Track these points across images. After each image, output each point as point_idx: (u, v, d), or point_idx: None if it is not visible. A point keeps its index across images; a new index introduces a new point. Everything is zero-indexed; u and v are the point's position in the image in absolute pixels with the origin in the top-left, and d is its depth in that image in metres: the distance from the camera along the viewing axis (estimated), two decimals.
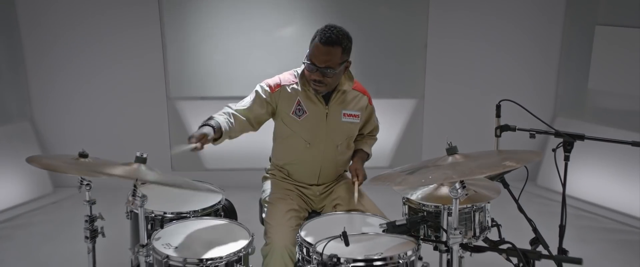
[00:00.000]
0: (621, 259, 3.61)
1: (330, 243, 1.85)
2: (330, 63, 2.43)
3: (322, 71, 2.44)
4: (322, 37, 2.41)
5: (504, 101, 2.22)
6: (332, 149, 2.64)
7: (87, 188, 2.30)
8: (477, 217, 2.38)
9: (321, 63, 2.43)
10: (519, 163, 1.77)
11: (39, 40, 4.65)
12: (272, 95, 2.58)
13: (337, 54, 2.43)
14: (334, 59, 2.43)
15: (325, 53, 2.41)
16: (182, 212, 2.37)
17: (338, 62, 2.45)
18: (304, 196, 2.69)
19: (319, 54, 2.43)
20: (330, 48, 2.41)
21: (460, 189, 1.75)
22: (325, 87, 2.52)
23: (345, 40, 2.45)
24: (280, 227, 2.38)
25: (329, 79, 2.47)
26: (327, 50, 2.41)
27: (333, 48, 2.41)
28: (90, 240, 2.34)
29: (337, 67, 2.45)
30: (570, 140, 2.13)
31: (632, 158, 4.29)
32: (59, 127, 4.81)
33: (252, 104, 2.59)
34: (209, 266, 1.97)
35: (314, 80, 2.48)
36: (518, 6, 4.82)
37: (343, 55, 2.46)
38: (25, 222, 4.18)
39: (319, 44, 2.41)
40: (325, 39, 2.40)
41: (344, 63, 2.50)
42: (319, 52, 2.43)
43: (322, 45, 2.41)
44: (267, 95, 2.58)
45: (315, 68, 2.44)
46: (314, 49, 2.44)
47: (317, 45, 2.43)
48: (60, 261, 3.51)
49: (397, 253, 1.84)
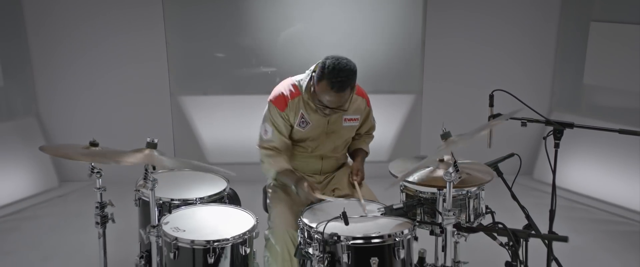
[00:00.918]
0: (613, 249, 3.71)
1: (330, 224, 1.95)
2: (342, 104, 2.47)
3: (334, 111, 2.49)
4: (334, 84, 2.37)
5: (497, 91, 2.32)
6: (332, 149, 2.74)
7: (97, 176, 2.40)
8: (471, 204, 2.48)
9: (333, 105, 2.45)
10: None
11: (44, 38, 4.74)
12: (284, 114, 2.59)
13: (348, 94, 2.45)
14: (345, 99, 2.45)
15: (337, 98, 2.42)
16: (189, 199, 2.47)
17: (348, 99, 2.48)
18: None
19: (331, 98, 2.42)
20: (342, 94, 2.41)
21: (454, 172, 1.85)
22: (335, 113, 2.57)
23: (353, 78, 2.42)
24: (283, 213, 2.49)
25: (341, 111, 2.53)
26: (339, 96, 2.41)
27: (344, 93, 2.42)
28: (101, 225, 2.44)
29: (348, 103, 2.50)
30: (559, 128, 2.23)
31: (626, 151, 4.38)
32: (65, 122, 4.89)
33: (277, 131, 2.60)
34: (216, 247, 2.07)
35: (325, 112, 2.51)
36: (514, 3, 4.91)
37: (352, 91, 2.49)
38: (32, 214, 4.27)
39: (330, 90, 2.38)
40: (338, 87, 2.37)
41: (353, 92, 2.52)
42: (330, 97, 2.41)
43: (334, 92, 2.39)
44: (283, 116, 2.59)
45: (328, 109, 2.47)
46: (325, 93, 2.41)
47: (327, 91, 2.39)
48: (68, 251, 3.61)
49: (394, 231, 1.95)
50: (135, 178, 2.57)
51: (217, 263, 2.09)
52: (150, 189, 1.94)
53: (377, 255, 1.89)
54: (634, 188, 4.30)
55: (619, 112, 4.69)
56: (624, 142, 4.34)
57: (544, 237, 1.93)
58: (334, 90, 2.38)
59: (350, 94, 2.49)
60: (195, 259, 2.08)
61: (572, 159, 4.76)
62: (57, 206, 4.47)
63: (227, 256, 2.12)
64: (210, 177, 2.76)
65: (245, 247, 2.15)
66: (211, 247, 2.07)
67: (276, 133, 2.59)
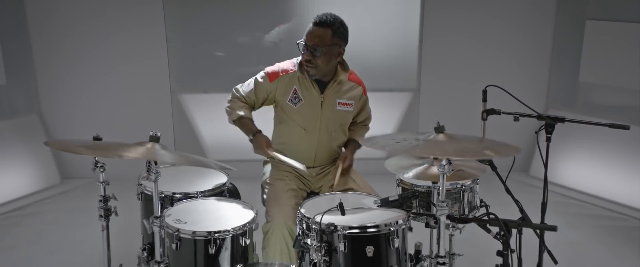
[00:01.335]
0: (609, 243, 3.77)
1: (328, 215, 2.01)
2: (319, 42, 2.60)
3: (311, 50, 2.61)
4: (316, 18, 2.63)
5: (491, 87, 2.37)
6: (327, 135, 2.81)
7: (101, 170, 2.44)
8: (466, 197, 2.54)
9: (311, 41, 2.61)
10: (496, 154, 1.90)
11: (46, 38, 4.80)
12: (270, 85, 2.76)
13: (327, 35, 2.60)
14: (323, 39, 2.60)
15: (316, 33, 2.61)
16: (190, 192, 2.53)
17: (327, 43, 2.61)
18: (302, 177, 2.86)
19: (310, 33, 2.63)
20: (320, 28, 2.61)
21: (447, 165, 1.91)
22: (315, 68, 2.66)
23: (336, 23, 2.63)
24: (280, 206, 2.55)
25: (319, 59, 2.63)
26: (318, 31, 2.61)
27: (323, 29, 2.60)
28: (105, 218, 2.48)
29: (326, 48, 2.61)
30: (551, 122, 2.28)
31: (621, 148, 4.45)
32: (66, 120, 4.96)
33: (254, 91, 2.80)
34: (217, 238, 2.13)
35: (306, 60, 2.65)
36: (511, 1, 4.97)
37: (333, 38, 2.62)
38: (34, 210, 4.33)
39: (312, 24, 2.64)
40: (318, 20, 2.62)
41: (336, 47, 2.65)
42: (310, 31, 2.63)
43: (313, 26, 2.63)
44: (265, 84, 2.77)
45: (305, 47, 2.63)
46: (307, 30, 2.65)
47: (310, 26, 2.64)
48: (71, 245, 3.66)
49: (389, 221, 2.01)
50: (136, 175, 2.63)
51: (218, 254, 2.14)
52: (154, 180, 1.99)
53: (372, 244, 1.95)
54: (629, 184, 4.36)
55: (614, 109, 4.75)
56: (619, 139, 4.41)
57: (534, 226, 1.99)
58: (312, 23, 2.63)
59: (331, 40, 2.62)
60: (197, 250, 2.14)
61: (568, 156, 4.82)
62: (59, 202, 4.53)
63: (228, 246, 2.17)
64: (210, 172, 2.81)
65: (245, 239, 2.20)
66: (212, 238, 2.12)
67: (253, 92, 2.81)
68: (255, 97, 2.82)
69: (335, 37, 2.63)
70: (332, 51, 2.65)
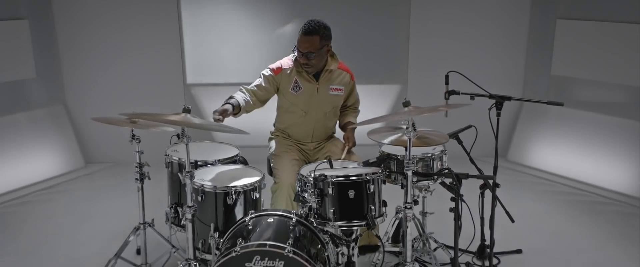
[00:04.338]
0: (569, 213, 4.30)
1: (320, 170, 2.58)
2: (311, 48, 3.13)
3: (305, 56, 3.15)
4: (303, 29, 3.12)
5: (452, 72, 2.91)
6: (322, 115, 3.38)
7: (136, 141, 3.01)
8: (435, 164, 3.09)
9: (304, 49, 3.15)
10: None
11: (71, 37, 5.25)
12: (275, 78, 3.31)
13: (316, 41, 3.13)
14: (314, 45, 3.13)
15: (307, 41, 3.11)
16: (209, 160, 3.08)
17: (318, 48, 3.14)
18: (302, 150, 3.44)
19: (302, 42, 3.13)
20: (309, 37, 3.10)
21: (412, 131, 2.48)
22: (311, 67, 3.23)
23: (322, 29, 3.13)
24: (286, 171, 3.13)
25: (313, 61, 3.18)
26: (308, 39, 3.11)
27: (312, 37, 3.11)
28: (140, 181, 3.05)
29: (317, 51, 3.15)
30: (499, 100, 2.84)
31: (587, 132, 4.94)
32: (88, 110, 5.30)
33: (262, 83, 3.31)
34: (233, 191, 2.70)
35: (302, 63, 3.21)
36: (489, 2, 5.37)
37: (322, 41, 3.15)
38: (65, 188, 4.86)
39: (301, 34, 3.13)
40: (305, 30, 3.11)
41: (324, 47, 3.19)
42: (301, 41, 3.13)
43: (303, 36, 3.12)
44: (271, 77, 3.31)
45: (301, 54, 3.16)
46: (299, 39, 3.15)
47: (300, 36, 3.14)
48: (102, 215, 4.21)
49: (366, 173, 2.57)
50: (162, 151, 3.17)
51: (234, 204, 2.71)
52: (186, 143, 2.54)
53: (353, 189, 2.52)
54: (591, 164, 4.86)
55: (583, 100, 5.16)
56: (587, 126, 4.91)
57: (478, 177, 2.54)
58: (302, 33, 3.10)
59: (320, 43, 3.11)
60: (217, 201, 2.71)
61: (541, 141, 5.32)
62: (85, 182, 5.05)
63: (241, 200, 2.73)
64: (224, 146, 3.37)
65: (256, 193, 2.77)
66: (230, 191, 2.69)
67: (262, 84, 3.28)
68: (265, 87, 3.27)
69: (322, 40, 3.16)
70: (322, 52, 3.19)
